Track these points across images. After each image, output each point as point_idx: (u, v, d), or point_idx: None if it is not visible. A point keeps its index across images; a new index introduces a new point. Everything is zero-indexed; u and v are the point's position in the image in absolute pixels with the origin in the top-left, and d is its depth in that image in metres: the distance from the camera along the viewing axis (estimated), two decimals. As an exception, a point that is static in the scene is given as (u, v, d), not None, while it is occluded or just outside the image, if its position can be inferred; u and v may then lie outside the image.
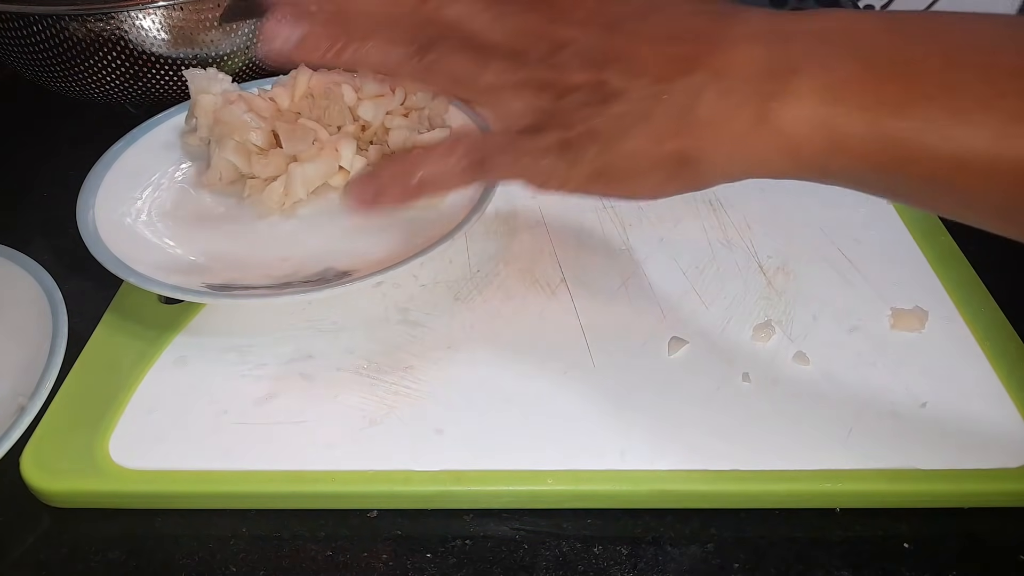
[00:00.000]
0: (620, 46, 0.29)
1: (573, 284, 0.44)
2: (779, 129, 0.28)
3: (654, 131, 0.29)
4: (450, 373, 0.39)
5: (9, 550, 0.34)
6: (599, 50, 0.29)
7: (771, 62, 0.28)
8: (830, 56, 0.28)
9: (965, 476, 0.34)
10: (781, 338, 0.40)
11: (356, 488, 0.34)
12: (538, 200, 0.50)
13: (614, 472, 0.34)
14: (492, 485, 0.34)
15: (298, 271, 0.43)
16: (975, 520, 0.34)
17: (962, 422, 0.36)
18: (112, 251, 0.41)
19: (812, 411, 0.37)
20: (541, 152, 0.31)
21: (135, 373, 0.39)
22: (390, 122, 0.49)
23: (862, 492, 0.34)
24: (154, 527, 0.34)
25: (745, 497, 0.34)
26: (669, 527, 0.34)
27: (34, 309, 0.40)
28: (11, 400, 0.37)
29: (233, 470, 0.35)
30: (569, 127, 0.30)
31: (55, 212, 0.44)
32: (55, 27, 0.50)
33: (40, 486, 0.34)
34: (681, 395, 0.38)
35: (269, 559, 0.33)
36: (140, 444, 0.36)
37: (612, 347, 0.40)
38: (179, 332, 0.41)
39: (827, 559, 0.33)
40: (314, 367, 0.39)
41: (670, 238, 0.47)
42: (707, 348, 0.40)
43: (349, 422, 0.36)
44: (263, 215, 0.47)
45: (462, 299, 0.43)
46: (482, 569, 0.33)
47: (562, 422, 0.36)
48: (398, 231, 0.45)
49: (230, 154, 0.46)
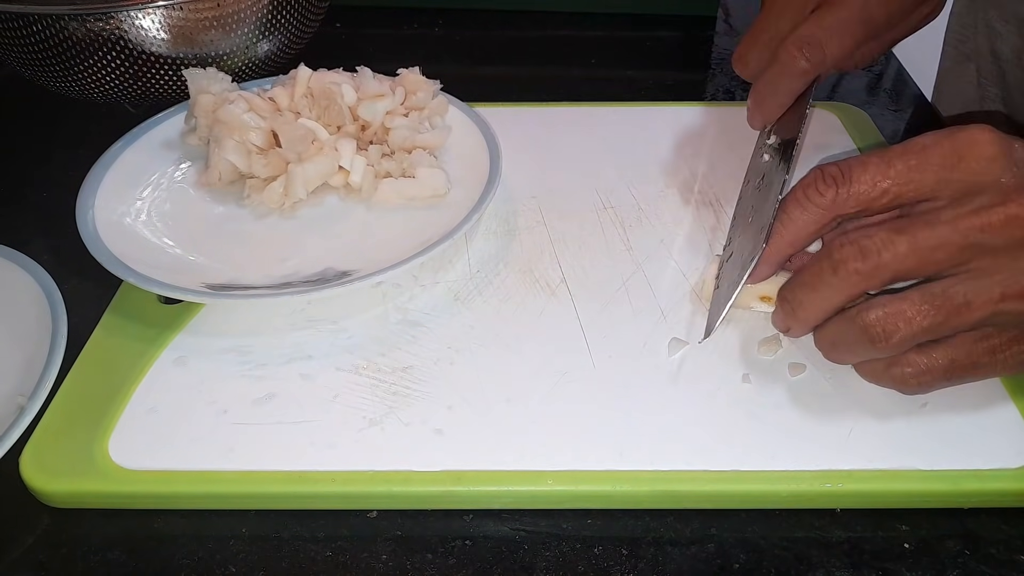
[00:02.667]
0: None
1: (573, 284, 0.44)
2: None
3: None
4: (450, 373, 0.39)
5: (9, 550, 0.34)
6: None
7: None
8: None
9: (965, 476, 0.34)
10: (781, 338, 0.40)
11: (355, 489, 0.34)
12: (538, 200, 0.50)
13: (614, 472, 0.34)
14: (492, 485, 0.34)
15: (298, 271, 0.43)
16: (975, 520, 0.34)
17: (962, 422, 0.36)
18: (112, 251, 0.41)
19: (812, 412, 0.37)
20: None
21: (134, 373, 0.39)
22: (390, 122, 0.49)
23: (862, 492, 0.34)
24: (154, 527, 0.34)
25: (745, 498, 0.34)
26: (669, 527, 0.34)
27: (34, 309, 0.40)
28: (11, 400, 0.36)
29: (232, 470, 0.35)
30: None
31: (55, 212, 0.44)
32: (55, 27, 0.50)
33: (39, 486, 0.34)
34: (681, 396, 0.38)
35: (269, 559, 0.33)
36: (139, 444, 0.36)
37: (612, 347, 0.40)
38: (179, 332, 0.41)
39: (827, 559, 0.33)
40: (313, 367, 0.39)
41: (670, 239, 0.47)
42: (707, 349, 0.40)
43: (348, 422, 0.36)
44: (263, 215, 0.47)
45: (462, 299, 0.43)
46: (482, 569, 0.33)
47: (562, 422, 0.36)
48: (398, 231, 0.45)
49: (229, 154, 0.46)
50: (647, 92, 0.64)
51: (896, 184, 0.33)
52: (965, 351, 0.33)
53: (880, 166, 0.33)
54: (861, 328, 0.33)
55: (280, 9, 0.56)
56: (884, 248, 0.32)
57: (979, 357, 0.34)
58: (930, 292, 0.32)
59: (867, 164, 0.33)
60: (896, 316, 0.32)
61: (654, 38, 0.73)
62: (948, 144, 0.33)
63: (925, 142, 0.33)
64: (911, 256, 0.32)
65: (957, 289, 0.32)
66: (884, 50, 0.46)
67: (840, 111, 0.57)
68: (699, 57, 0.70)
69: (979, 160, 0.32)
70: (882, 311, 0.33)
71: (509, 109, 0.58)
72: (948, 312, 0.32)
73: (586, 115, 0.58)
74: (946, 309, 0.32)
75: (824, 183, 0.34)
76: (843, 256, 0.33)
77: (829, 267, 0.33)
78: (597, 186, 0.51)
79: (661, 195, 0.50)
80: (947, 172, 0.32)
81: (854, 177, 0.33)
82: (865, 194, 0.33)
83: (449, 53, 0.71)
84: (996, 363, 0.34)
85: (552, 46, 0.72)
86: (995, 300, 0.32)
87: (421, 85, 0.50)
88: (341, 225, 0.46)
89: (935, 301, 0.32)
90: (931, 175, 0.33)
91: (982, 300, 0.32)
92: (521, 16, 0.75)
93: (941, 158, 0.33)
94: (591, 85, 0.66)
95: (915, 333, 0.33)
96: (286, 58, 0.59)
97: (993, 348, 0.33)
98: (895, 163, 0.33)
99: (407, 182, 0.47)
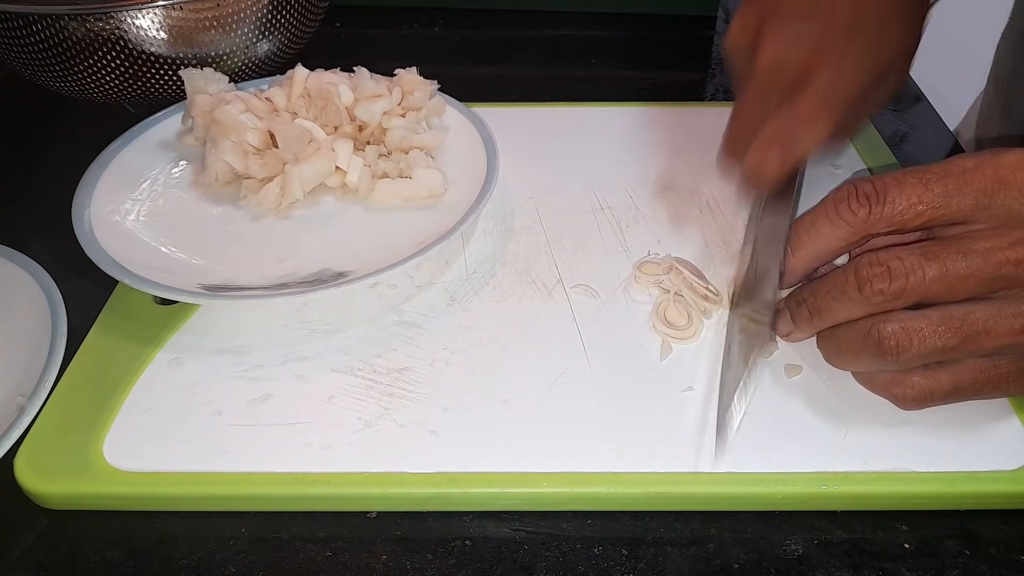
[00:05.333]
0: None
1: (570, 285, 0.43)
2: None
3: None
4: (445, 375, 0.39)
5: (9, 550, 0.34)
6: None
7: None
8: None
9: (961, 478, 0.34)
10: (778, 340, 0.40)
11: (351, 490, 0.34)
12: (535, 201, 0.49)
13: (609, 474, 0.34)
14: (487, 488, 0.34)
15: (294, 272, 0.43)
16: (975, 520, 0.34)
17: (958, 424, 0.36)
18: (107, 251, 0.41)
19: (808, 413, 0.37)
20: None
21: (130, 374, 0.39)
22: (387, 122, 0.49)
23: (857, 494, 0.34)
24: (154, 527, 0.34)
25: (740, 500, 0.34)
26: (669, 528, 0.34)
27: (34, 309, 0.40)
28: (11, 400, 0.37)
29: (227, 472, 0.35)
30: None
31: (55, 212, 0.44)
32: (55, 27, 0.50)
33: (33, 488, 0.34)
34: (676, 397, 0.38)
35: (269, 559, 0.33)
36: (134, 445, 0.36)
37: (608, 349, 0.40)
38: (174, 333, 0.41)
39: (827, 559, 0.33)
40: (309, 368, 0.39)
41: (667, 240, 0.47)
42: (703, 350, 0.40)
43: (344, 424, 0.36)
44: (259, 216, 0.47)
45: (458, 300, 0.43)
46: (482, 569, 0.33)
47: (557, 424, 0.36)
48: (395, 232, 0.45)
49: (226, 154, 0.46)
50: (647, 92, 0.64)
51: (932, 207, 0.32)
52: (971, 379, 0.33)
53: (917, 188, 0.32)
54: (875, 340, 0.32)
55: (280, 9, 0.56)
56: (913, 272, 0.32)
57: (983, 385, 0.33)
58: (950, 314, 0.32)
59: (904, 184, 0.33)
60: (912, 333, 0.32)
61: (654, 38, 0.73)
62: (990, 170, 0.32)
63: (966, 165, 0.32)
64: (939, 282, 0.32)
65: (977, 316, 0.32)
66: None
67: (839, 111, 0.57)
68: (699, 57, 0.70)
69: (1021, 189, 0.31)
70: (898, 326, 0.32)
71: (507, 109, 0.58)
72: (964, 337, 0.32)
73: (585, 115, 0.57)
74: (963, 333, 0.32)
75: (858, 201, 0.33)
76: (871, 275, 0.32)
77: (855, 283, 0.33)
78: (594, 186, 0.51)
79: (659, 196, 0.50)
80: (987, 198, 0.32)
81: (889, 198, 0.33)
82: (899, 215, 0.33)
83: (449, 53, 0.71)
84: (998, 391, 0.33)
85: (552, 46, 0.72)
86: (1015, 331, 0.31)
87: (418, 85, 0.50)
88: (337, 226, 0.46)
89: (953, 324, 0.32)
90: (970, 200, 0.32)
91: (1002, 330, 0.31)
92: (521, 16, 0.75)
93: (982, 184, 0.32)
94: (591, 85, 0.66)
95: (927, 352, 0.32)
96: (286, 58, 0.59)
97: (1000, 378, 0.33)
98: (933, 186, 0.32)
99: (404, 183, 0.47)
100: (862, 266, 0.33)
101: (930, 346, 0.32)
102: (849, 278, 0.33)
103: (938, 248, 0.32)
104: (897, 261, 0.32)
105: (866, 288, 0.32)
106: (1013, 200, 0.31)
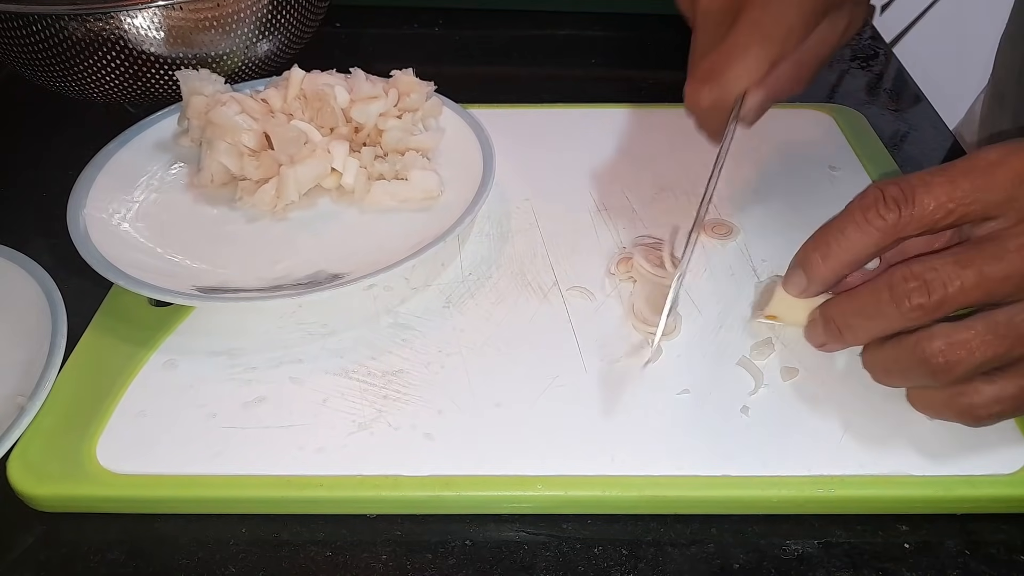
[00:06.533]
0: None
1: (565, 288, 0.43)
2: None
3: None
4: (440, 377, 0.39)
5: (9, 550, 0.34)
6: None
7: None
8: None
9: (958, 482, 0.34)
10: (774, 342, 0.40)
11: (345, 493, 0.34)
12: (531, 202, 0.49)
13: (604, 477, 0.34)
14: (482, 491, 0.34)
15: (289, 274, 0.43)
16: (975, 521, 0.34)
17: (955, 427, 0.36)
18: (102, 253, 0.41)
19: (803, 417, 0.37)
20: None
21: (124, 376, 0.39)
22: (383, 124, 0.48)
23: (854, 498, 0.34)
24: (153, 528, 0.34)
25: (736, 503, 0.34)
26: (669, 528, 0.34)
27: (34, 309, 0.40)
28: (11, 400, 0.37)
29: (220, 474, 0.34)
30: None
31: (55, 212, 0.44)
32: (55, 27, 0.50)
33: (26, 490, 0.34)
34: (672, 400, 0.37)
35: (269, 560, 0.33)
36: (128, 448, 0.36)
37: (604, 351, 0.40)
38: (169, 335, 0.41)
39: (827, 559, 0.33)
40: (303, 371, 0.39)
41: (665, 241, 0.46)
42: (700, 353, 0.40)
43: (338, 426, 0.36)
44: (255, 217, 0.47)
45: (453, 303, 0.43)
46: (482, 569, 0.33)
47: (553, 427, 0.36)
48: (390, 234, 0.45)
49: (222, 156, 0.46)
50: (646, 92, 0.64)
51: (962, 204, 0.31)
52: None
53: (945, 186, 0.32)
54: (921, 359, 0.32)
55: (280, 9, 0.56)
56: (950, 283, 0.31)
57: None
58: (994, 321, 0.31)
59: (931, 184, 0.32)
60: (959, 347, 0.31)
61: (654, 38, 0.73)
62: (1016, 162, 0.31)
63: (991, 158, 0.32)
64: (977, 289, 0.31)
65: (1022, 317, 0.31)
66: (810, 73, 0.41)
67: (836, 113, 0.57)
68: (699, 57, 0.70)
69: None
70: (944, 342, 0.31)
71: (505, 110, 0.57)
72: (1013, 341, 0.31)
73: (583, 116, 0.57)
74: (1011, 338, 0.31)
75: (886, 205, 0.32)
76: (907, 290, 0.31)
77: (890, 299, 0.32)
78: (591, 188, 0.51)
79: (656, 197, 0.50)
80: (1016, 190, 0.31)
81: (917, 199, 0.32)
82: (930, 216, 0.32)
83: (449, 53, 0.71)
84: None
85: (552, 46, 0.72)
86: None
87: (414, 87, 0.50)
88: (333, 227, 0.46)
89: (999, 330, 0.31)
90: (999, 194, 0.31)
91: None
92: (521, 16, 0.75)
93: (1009, 177, 0.31)
94: (591, 85, 0.66)
95: (979, 364, 0.31)
96: (285, 58, 0.59)
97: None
98: (960, 183, 0.31)
99: (400, 184, 0.47)
100: (896, 280, 0.32)
101: (981, 356, 0.31)
102: (883, 295, 0.32)
103: (972, 253, 0.31)
104: (933, 273, 0.31)
105: (904, 304, 0.32)
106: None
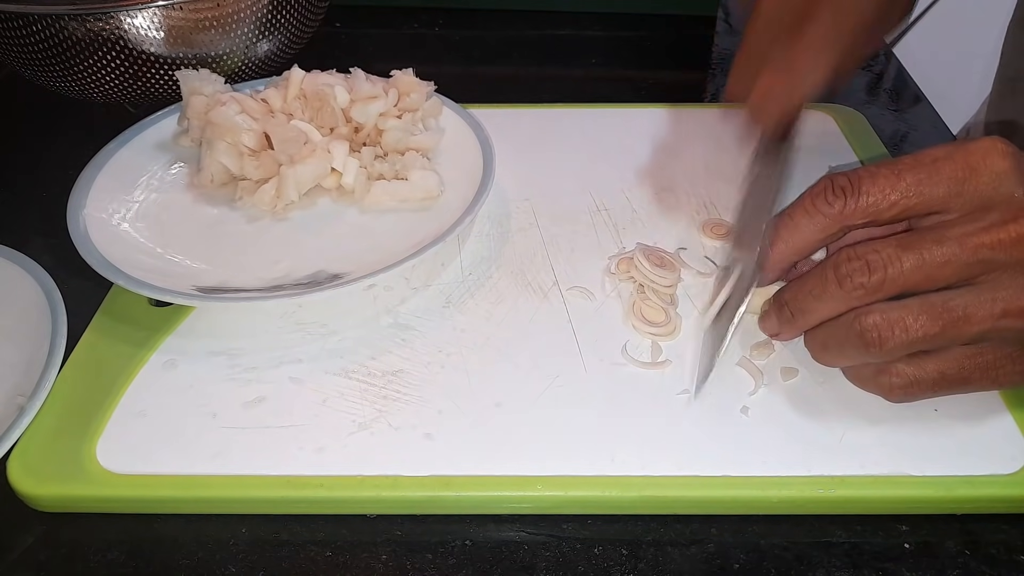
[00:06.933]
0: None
1: (565, 288, 0.43)
2: None
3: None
4: (440, 377, 0.39)
5: (9, 550, 0.34)
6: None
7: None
8: None
9: (958, 482, 0.34)
10: (773, 342, 0.40)
11: (345, 493, 0.34)
12: (531, 203, 0.49)
13: (604, 478, 0.34)
14: (482, 491, 0.34)
15: (289, 274, 0.43)
16: (975, 521, 0.34)
17: (955, 427, 0.36)
18: (101, 253, 0.41)
19: (804, 416, 0.37)
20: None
21: (124, 376, 0.39)
22: (383, 124, 0.48)
23: (854, 498, 0.34)
24: (154, 528, 0.34)
25: (736, 503, 0.34)
26: (669, 528, 0.34)
27: (34, 309, 0.40)
28: (11, 400, 0.37)
29: (220, 475, 0.34)
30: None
31: (55, 212, 0.44)
32: (55, 27, 0.51)
33: (26, 490, 0.34)
34: (672, 400, 0.37)
35: (269, 560, 0.33)
36: (128, 448, 0.35)
37: (604, 351, 0.40)
38: (169, 335, 0.41)
39: (827, 560, 0.33)
40: (303, 371, 0.39)
41: (664, 241, 0.46)
42: (697, 353, 0.39)
43: (338, 427, 0.36)
44: (254, 217, 0.47)
45: (453, 303, 0.43)
46: (482, 569, 0.33)
47: (553, 427, 0.36)
48: (390, 234, 0.45)
49: (221, 156, 0.46)
50: (646, 92, 0.64)
51: (906, 197, 0.33)
52: (957, 365, 0.33)
53: (890, 178, 0.33)
54: (857, 332, 0.33)
55: (280, 9, 0.56)
56: (890, 264, 0.32)
57: (970, 373, 0.33)
58: (930, 302, 0.32)
59: (876, 176, 0.33)
60: (893, 323, 0.32)
61: (654, 38, 0.73)
62: (960, 158, 0.32)
63: (937, 154, 0.33)
64: (917, 272, 0.32)
65: (958, 302, 0.32)
66: (858, 66, 0.43)
67: (836, 113, 0.57)
68: (699, 57, 0.70)
69: (991, 174, 0.32)
70: (880, 317, 0.32)
71: (505, 110, 0.57)
72: (945, 324, 0.32)
73: (583, 116, 0.57)
74: (944, 320, 0.32)
75: (833, 193, 0.34)
76: (849, 270, 0.33)
77: (834, 279, 0.33)
78: (591, 188, 0.50)
79: (656, 197, 0.50)
80: (958, 186, 0.32)
81: (863, 189, 0.33)
82: (874, 206, 0.33)
83: (449, 53, 0.71)
84: (987, 380, 0.33)
85: (552, 46, 0.72)
86: (995, 316, 0.31)
87: (414, 87, 0.50)
88: (333, 227, 0.46)
89: (934, 311, 0.32)
90: (942, 189, 0.32)
91: (982, 315, 0.32)
92: (521, 16, 0.75)
93: (952, 172, 0.32)
94: (591, 85, 0.66)
95: (910, 341, 0.32)
96: (285, 58, 0.59)
97: (986, 365, 0.33)
98: (905, 176, 0.33)
99: (400, 184, 0.47)
100: (840, 262, 0.33)
101: (912, 335, 0.32)
102: (828, 274, 0.33)
103: (914, 238, 0.32)
104: (874, 254, 0.32)
105: (846, 283, 0.33)
106: (984, 186, 0.32)
